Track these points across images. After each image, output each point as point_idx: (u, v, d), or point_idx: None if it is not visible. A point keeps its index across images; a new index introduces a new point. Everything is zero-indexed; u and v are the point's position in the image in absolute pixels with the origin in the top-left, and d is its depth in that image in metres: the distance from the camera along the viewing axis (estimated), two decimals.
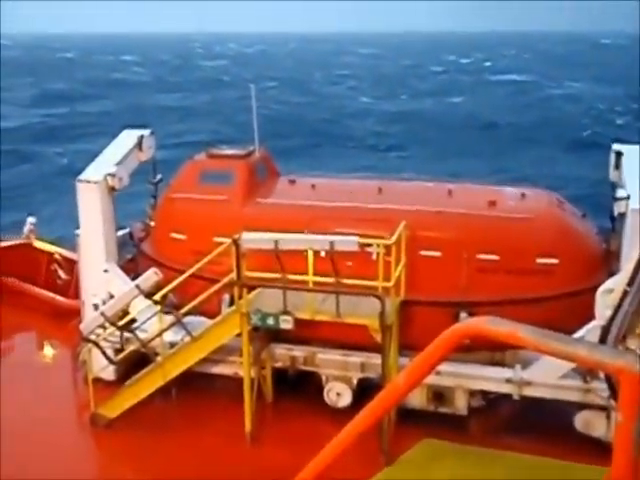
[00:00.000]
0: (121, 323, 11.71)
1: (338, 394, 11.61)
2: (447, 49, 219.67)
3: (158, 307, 11.43)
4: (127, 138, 14.03)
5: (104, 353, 11.97)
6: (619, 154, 12.38)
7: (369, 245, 10.97)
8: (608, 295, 8.71)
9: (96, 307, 12.57)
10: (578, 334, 10.06)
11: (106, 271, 13.03)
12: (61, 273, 17.14)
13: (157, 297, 11.32)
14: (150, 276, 11.48)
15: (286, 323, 10.82)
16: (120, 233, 13.99)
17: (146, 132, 14.12)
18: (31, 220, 18.60)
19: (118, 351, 12.25)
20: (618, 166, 12.32)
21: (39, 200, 36.99)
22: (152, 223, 14.19)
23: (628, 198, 11.15)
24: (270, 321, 10.88)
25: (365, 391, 11.16)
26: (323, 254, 10.56)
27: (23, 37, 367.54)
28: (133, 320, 11.82)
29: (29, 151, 52.33)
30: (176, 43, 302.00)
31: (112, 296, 12.48)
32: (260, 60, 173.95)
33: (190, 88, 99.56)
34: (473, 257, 11.33)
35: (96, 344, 11.85)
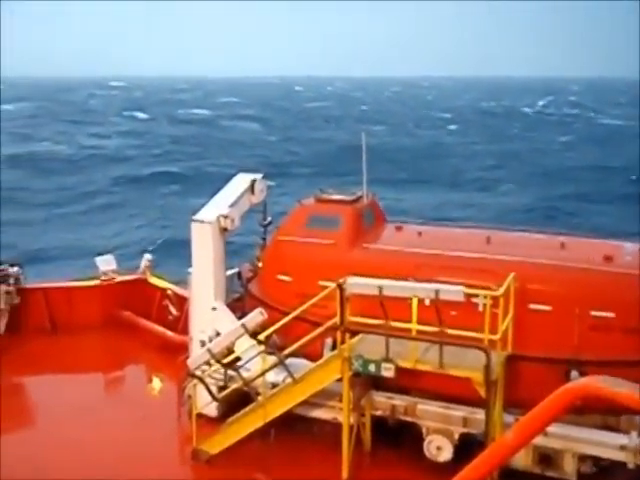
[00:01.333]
0: (226, 361, 11.98)
1: (438, 448, 11.27)
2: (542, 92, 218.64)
3: (262, 347, 11.62)
4: (240, 181, 14.55)
5: (208, 389, 12.25)
6: None
7: (475, 295, 10.75)
8: None
9: (203, 343, 12.93)
10: None
11: (214, 309, 13.43)
12: (172, 309, 17.81)
13: (261, 337, 11.53)
14: (256, 316, 11.72)
15: (388, 371, 10.69)
16: (229, 273, 14.42)
17: (258, 176, 14.60)
18: (148, 257, 19.58)
19: (222, 388, 12.51)
20: None
21: None
22: (260, 264, 14.55)
23: None
24: (372, 368, 10.79)
25: (466, 447, 10.78)
26: (427, 302, 10.44)
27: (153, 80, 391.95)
28: (238, 358, 12.06)
29: None
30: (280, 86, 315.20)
31: (219, 334, 12.81)
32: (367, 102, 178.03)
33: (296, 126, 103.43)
34: (586, 313, 10.81)
35: (201, 380, 12.15)
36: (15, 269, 17.66)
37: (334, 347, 11.55)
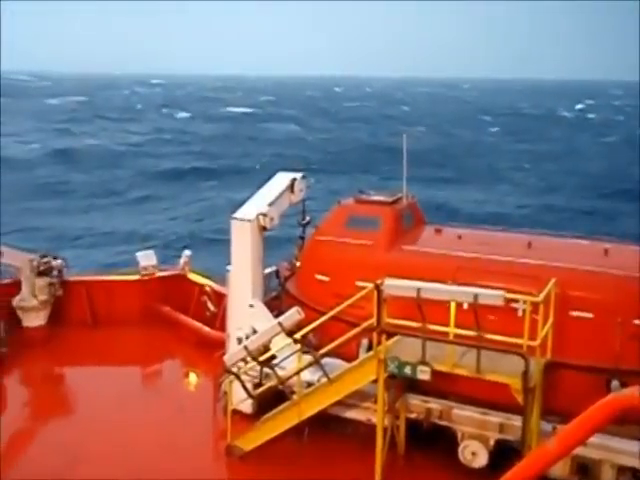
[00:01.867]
0: (262, 358, 12.05)
1: (473, 453, 11.15)
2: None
3: (298, 346, 11.66)
4: (280, 180, 14.62)
5: (244, 386, 12.34)
6: None
7: (515, 301, 10.62)
8: None
9: (240, 340, 13.02)
10: None
11: (251, 306, 13.53)
12: (210, 305, 17.99)
13: (297, 336, 11.56)
14: (292, 315, 11.77)
15: (423, 374, 10.63)
16: (267, 271, 14.51)
17: (298, 175, 14.65)
18: (187, 253, 19.81)
19: (257, 385, 12.59)
20: None
21: None
22: (298, 263, 14.60)
23: None
24: (407, 370, 10.74)
25: (502, 454, 10.66)
26: (466, 306, 10.35)
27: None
28: (273, 356, 12.13)
29: None
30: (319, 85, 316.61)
31: (255, 331, 12.90)
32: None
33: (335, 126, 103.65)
34: (629, 322, 10.59)
35: (237, 377, 12.25)
36: (59, 261, 18.03)
37: (370, 348, 11.54)
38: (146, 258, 19.38)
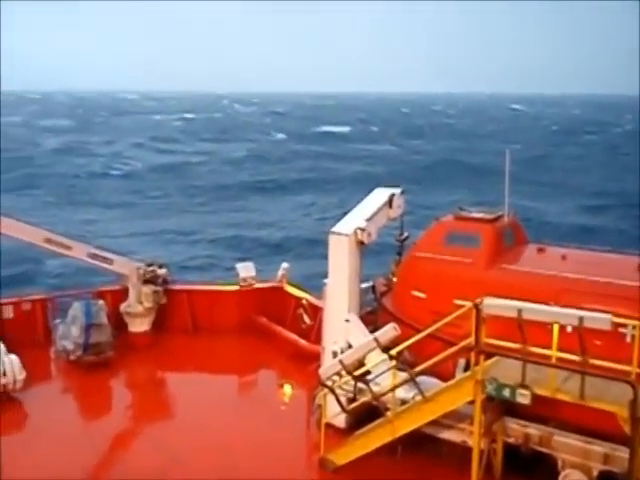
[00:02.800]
0: (357, 373, 12.06)
1: None
2: None
3: (393, 362, 11.59)
4: (379, 196, 14.63)
5: (338, 400, 12.38)
6: None
7: (624, 325, 10.13)
8: None
9: (335, 354, 13.10)
10: None
11: (347, 321, 13.57)
12: (306, 318, 18.20)
13: (393, 352, 11.50)
14: (389, 331, 11.73)
15: (523, 397, 10.30)
16: (363, 286, 14.52)
17: (397, 191, 14.62)
18: (284, 266, 20.15)
19: (351, 400, 12.60)
20: None
21: None
22: (394, 279, 14.54)
23: None
24: (506, 393, 10.45)
25: None
26: (569, 329, 9.97)
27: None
28: (368, 372, 12.11)
29: None
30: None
31: (350, 345, 12.94)
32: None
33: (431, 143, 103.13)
34: None
35: (332, 390, 12.31)
36: (164, 270, 18.79)
37: (467, 368, 11.32)
38: (245, 270, 19.87)
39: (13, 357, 15.19)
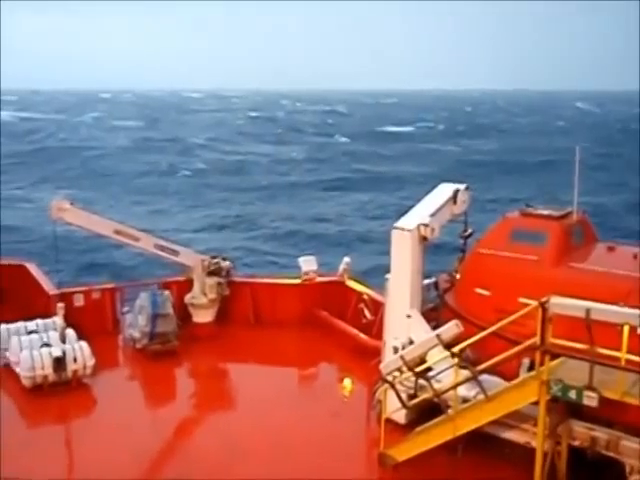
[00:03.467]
0: (418, 369, 11.97)
1: None
2: None
3: (455, 360, 11.46)
4: (443, 191, 14.46)
5: (399, 396, 12.32)
6: None
7: None
8: None
9: (396, 350, 13.05)
10: None
11: (409, 317, 13.48)
12: (367, 313, 18.17)
13: (455, 350, 11.36)
14: (451, 328, 11.59)
15: (590, 400, 10.02)
16: (426, 282, 14.40)
17: (462, 186, 14.40)
18: (346, 260, 20.17)
19: (411, 396, 12.52)
20: None
21: None
22: (458, 276, 14.36)
23: None
24: (572, 394, 10.18)
25: None
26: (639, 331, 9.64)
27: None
28: (429, 368, 12.01)
29: None
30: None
31: (412, 341, 12.85)
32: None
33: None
34: None
35: (392, 386, 12.26)
36: (227, 263, 19.10)
37: (531, 368, 11.08)
38: (307, 263, 19.99)
39: (83, 344, 15.75)
